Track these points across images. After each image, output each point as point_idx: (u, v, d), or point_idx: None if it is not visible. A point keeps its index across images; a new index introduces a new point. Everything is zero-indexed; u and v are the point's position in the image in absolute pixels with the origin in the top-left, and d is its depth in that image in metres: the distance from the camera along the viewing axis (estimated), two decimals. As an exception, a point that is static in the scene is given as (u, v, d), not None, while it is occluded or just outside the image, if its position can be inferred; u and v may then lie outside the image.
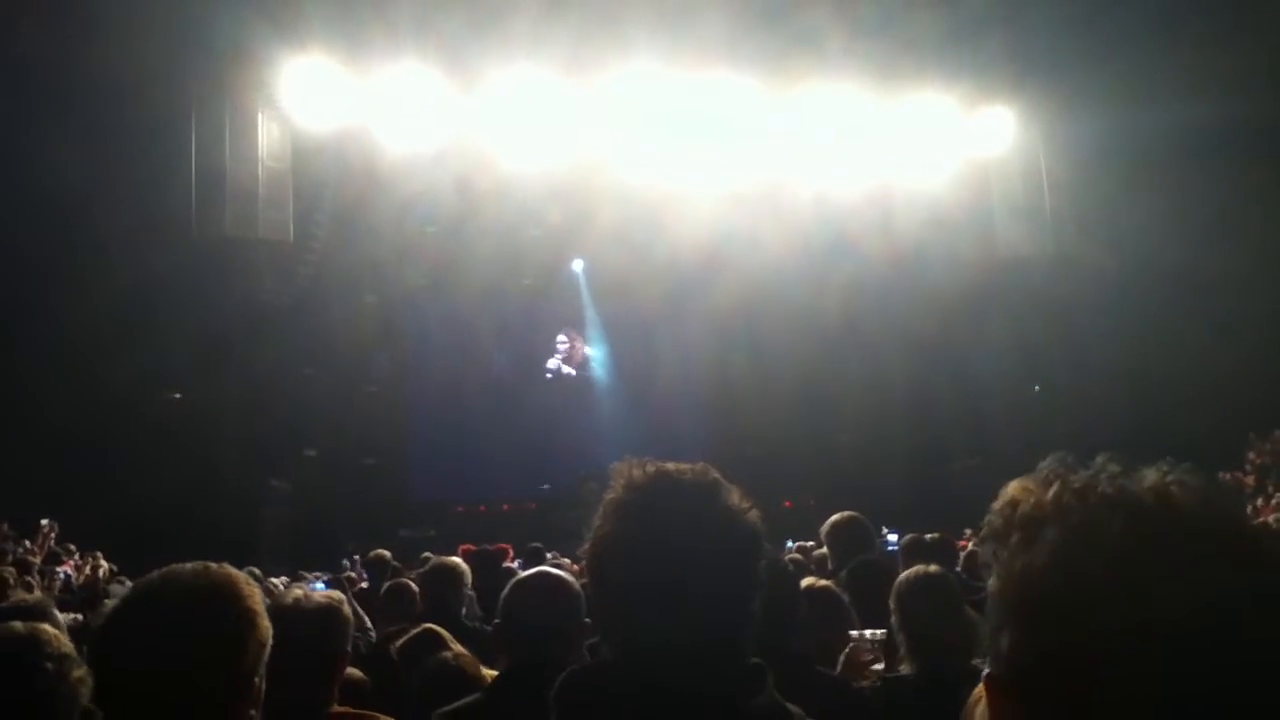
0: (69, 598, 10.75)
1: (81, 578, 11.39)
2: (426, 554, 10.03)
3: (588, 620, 2.76)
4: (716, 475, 1.47)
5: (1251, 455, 16.40)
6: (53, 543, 12.31)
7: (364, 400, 19.08)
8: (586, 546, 1.46)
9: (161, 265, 14.54)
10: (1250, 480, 15.99)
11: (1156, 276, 16.67)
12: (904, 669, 2.86)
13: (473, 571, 5.36)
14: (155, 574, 1.63)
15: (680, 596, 1.33)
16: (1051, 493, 0.88)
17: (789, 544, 9.28)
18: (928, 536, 5.55)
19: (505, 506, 19.09)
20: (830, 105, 16.73)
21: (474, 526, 17.10)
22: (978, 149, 18.05)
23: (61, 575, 11.01)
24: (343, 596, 2.72)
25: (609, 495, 1.45)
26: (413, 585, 5.40)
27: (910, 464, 18.10)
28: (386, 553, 7.30)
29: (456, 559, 5.51)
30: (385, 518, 17.47)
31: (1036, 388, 19.90)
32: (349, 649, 2.62)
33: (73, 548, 12.36)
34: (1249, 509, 14.10)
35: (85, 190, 13.90)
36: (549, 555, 9.60)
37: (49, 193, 13.88)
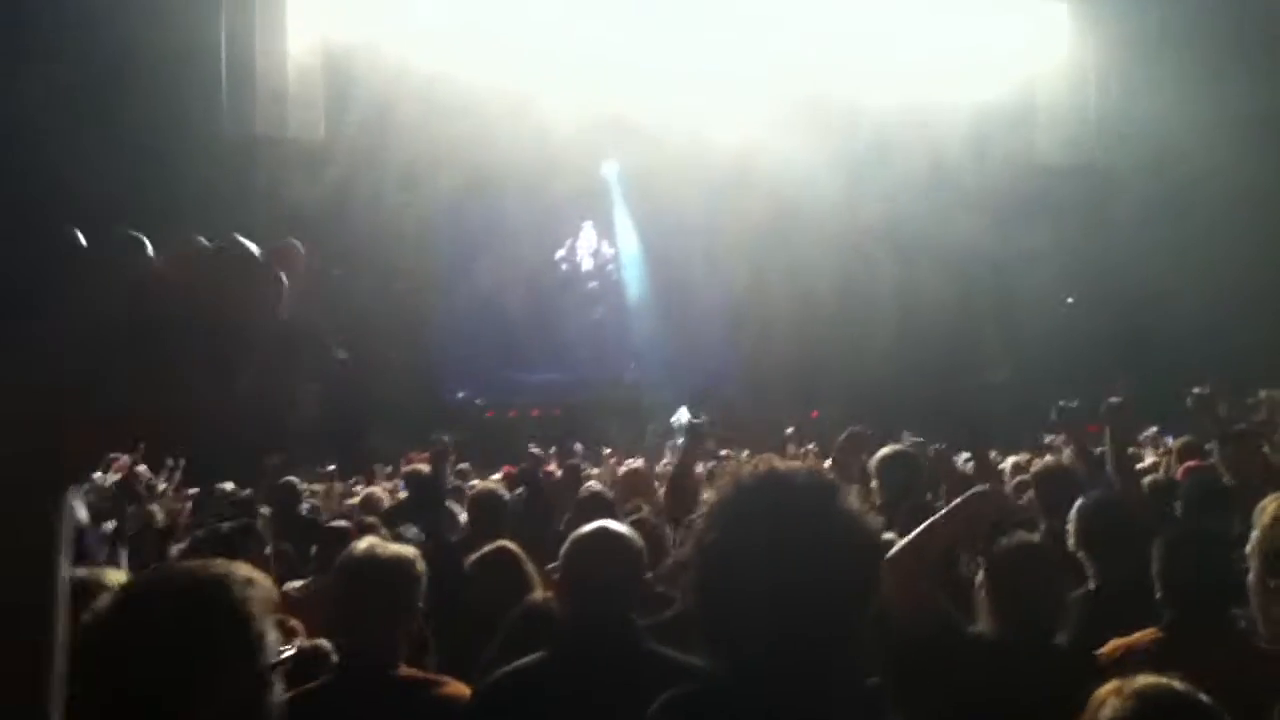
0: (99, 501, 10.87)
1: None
2: (463, 464, 10.05)
3: (648, 576, 2.71)
4: (832, 477, 1.36)
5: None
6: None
7: (396, 299, 18.76)
8: (690, 552, 1.36)
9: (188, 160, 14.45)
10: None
11: (1200, 189, 16.21)
12: (981, 627, 2.78)
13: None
14: (146, 573, 1.60)
15: (799, 609, 1.22)
16: None
17: None
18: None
19: (534, 412, 19.09)
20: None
21: (504, 431, 17.25)
22: (1027, 51, 17.53)
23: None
24: (416, 551, 2.65)
25: (714, 496, 1.34)
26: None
27: (942, 375, 17.93)
28: (425, 467, 7.23)
29: (495, 486, 5.50)
30: (416, 421, 17.47)
31: (1069, 299, 19.61)
32: (419, 606, 2.56)
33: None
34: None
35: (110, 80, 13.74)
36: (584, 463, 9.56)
37: (71, 83, 13.70)
